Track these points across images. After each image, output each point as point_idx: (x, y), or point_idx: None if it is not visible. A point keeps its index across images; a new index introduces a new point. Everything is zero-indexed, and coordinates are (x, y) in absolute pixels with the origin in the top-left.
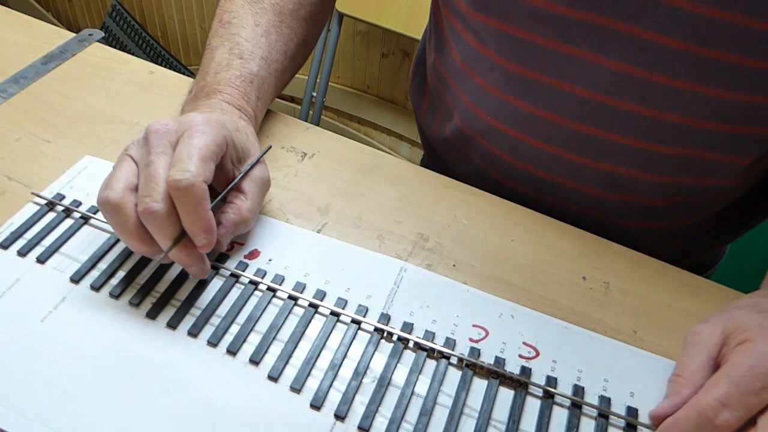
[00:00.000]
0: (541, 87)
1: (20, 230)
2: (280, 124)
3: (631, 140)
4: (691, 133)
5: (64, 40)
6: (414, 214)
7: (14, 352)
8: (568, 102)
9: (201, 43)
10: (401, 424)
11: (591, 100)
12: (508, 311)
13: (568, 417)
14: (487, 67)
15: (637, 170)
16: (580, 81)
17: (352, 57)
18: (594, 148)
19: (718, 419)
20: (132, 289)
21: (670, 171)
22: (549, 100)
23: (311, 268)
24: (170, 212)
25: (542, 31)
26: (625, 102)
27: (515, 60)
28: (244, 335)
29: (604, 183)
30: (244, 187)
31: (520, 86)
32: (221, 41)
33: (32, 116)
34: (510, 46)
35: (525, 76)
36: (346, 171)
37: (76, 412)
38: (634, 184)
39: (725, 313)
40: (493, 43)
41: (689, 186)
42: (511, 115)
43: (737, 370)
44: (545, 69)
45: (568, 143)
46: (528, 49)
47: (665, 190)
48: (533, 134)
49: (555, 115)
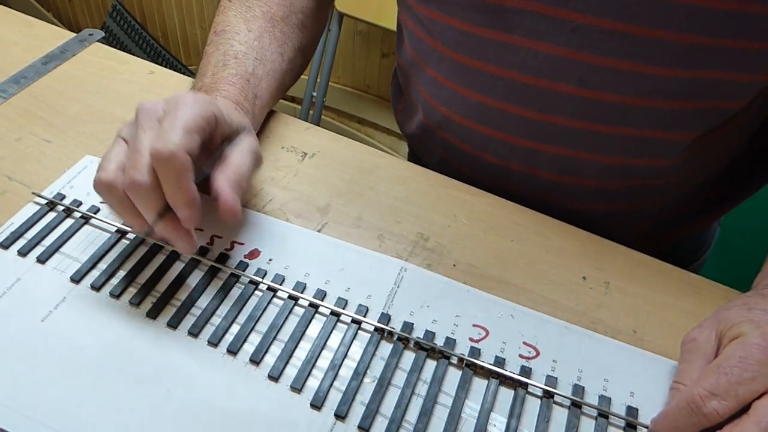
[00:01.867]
0: (485, 75)
1: (20, 230)
2: (280, 124)
3: (575, 122)
4: (632, 111)
5: (65, 40)
6: (414, 214)
7: (14, 352)
8: (512, 88)
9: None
10: (401, 424)
11: (532, 86)
12: (508, 311)
13: (568, 417)
14: (437, 59)
15: (585, 152)
16: (519, 67)
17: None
18: (542, 132)
19: (707, 407)
20: (132, 289)
21: (617, 152)
22: (494, 87)
23: (311, 268)
24: (154, 184)
25: (478, 20)
26: (564, 84)
27: (459, 50)
28: (244, 335)
29: (557, 166)
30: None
31: (467, 76)
32: (215, 47)
33: (32, 116)
34: (454, 37)
35: (469, 65)
36: (346, 171)
37: (76, 411)
38: (586, 167)
39: (716, 315)
40: (438, 34)
41: (639, 167)
42: (462, 104)
43: (728, 361)
44: (486, 57)
45: (517, 129)
46: (468, 38)
47: (616, 171)
48: (484, 122)
49: (502, 102)
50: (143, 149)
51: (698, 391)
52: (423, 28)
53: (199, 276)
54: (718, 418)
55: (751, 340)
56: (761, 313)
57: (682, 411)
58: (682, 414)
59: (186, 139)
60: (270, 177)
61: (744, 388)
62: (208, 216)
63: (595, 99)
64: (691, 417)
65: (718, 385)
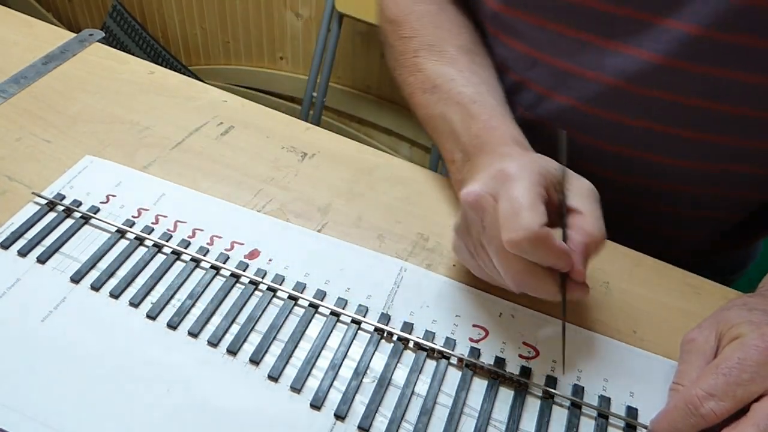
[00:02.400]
0: (578, 79)
1: (20, 230)
2: (280, 124)
3: (672, 129)
4: (729, 119)
5: (65, 40)
6: (414, 214)
7: (14, 352)
8: (606, 93)
9: (201, 43)
10: (401, 424)
11: (628, 91)
12: (508, 311)
13: (567, 417)
14: (526, 63)
15: (677, 159)
16: (615, 72)
17: (352, 57)
18: (633, 137)
19: (704, 408)
20: (132, 289)
21: (712, 158)
22: (585, 91)
23: (311, 268)
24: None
25: (581, 24)
26: (658, 90)
27: (554, 54)
28: (244, 335)
29: (645, 171)
30: (576, 206)
31: (558, 79)
32: (444, 105)
33: (32, 116)
34: (550, 41)
35: (561, 68)
36: (346, 171)
37: (77, 412)
38: (676, 173)
39: (716, 316)
40: (530, 38)
41: (736, 173)
42: (548, 108)
43: (727, 362)
44: (581, 61)
45: (607, 134)
46: (567, 42)
47: (712, 177)
48: (572, 126)
49: (592, 106)
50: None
51: (696, 391)
52: (511, 32)
53: (199, 276)
54: (715, 419)
55: (751, 341)
56: (761, 315)
57: (679, 411)
58: (680, 414)
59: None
60: (270, 177)
61: (742, 389)
62: (208, 216)
63: (691, 105)
64: (689, 417)
65: (716, 386)
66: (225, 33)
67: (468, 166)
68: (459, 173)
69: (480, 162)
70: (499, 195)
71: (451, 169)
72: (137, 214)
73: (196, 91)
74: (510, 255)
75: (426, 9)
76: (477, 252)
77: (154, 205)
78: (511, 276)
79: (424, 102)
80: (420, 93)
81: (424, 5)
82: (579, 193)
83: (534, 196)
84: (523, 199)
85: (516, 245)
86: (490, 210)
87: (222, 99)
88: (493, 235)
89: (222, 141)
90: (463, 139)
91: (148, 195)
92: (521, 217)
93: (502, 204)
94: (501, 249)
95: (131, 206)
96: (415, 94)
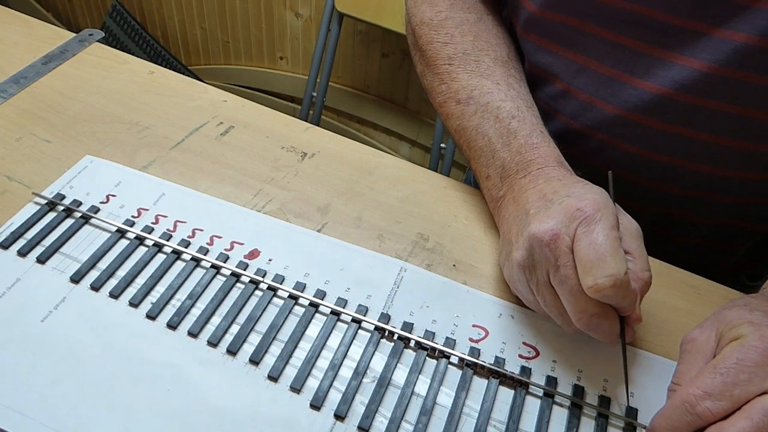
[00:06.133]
0: (629, 88)
1: (20, 230)
2: (280, 124)
3: (722, 139)
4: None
5: (64, 40)
6: (414, 214)
7: (14, 352)
8: (657, 103)
9: (201, 43)
10: (401, 424)
11: (680, 101)
12: (508, 311)
13: (567, 417)
14: (574, 71)
15: (728, 169)
16: (668, 82)
17: (352, 57)
18: (683, 147)
19: (700, 407)
20: (132, 289)
21: (762, 168)
22: (634, 101)
23: (311, 268)
24: (606, 313)
25: (637, 34)
26: (714, 101)
27: (606, 63)
28: (244, 335)
29: (692, 182)
30: (626, 247)
31: (608, 88)
32: (480, 119)
33: (32, 116)
34: (602, 50)
35: (612, 77)
36: (346, 171)
37: (77, 412)
38: (724, 183)
39: (716, 315)
40: (580, 46)
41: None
42: (594, 117)
43: (725, 362)
44: (633, 71)
45: (656, 144)
46: (621, 51)
47: (758, 186)
48: (618, 136)
49: (643, 116)
50: (575, 290)
51: (693, 390)
52: (558, 39)
53: (199, 276)
54: (711, 418)
55: (750, 342)
56: (762, 315)
57: (676, 410)
58: (677, 413)
59: (618, 263)
60: (270, 177)
61: (740, 390)
62: (208, 215)
63: (746, 117)
64: (685, 416)
65: (713, 386)
66: (225, 33)
67: (508, 185)
68: (497, 190)
69: (525, 184)
70: (578, 237)
71: (486, 185)
72: (137, 214)
73: (196, 91)
74: (586, 298)
75: (465, 17)
76: (539, 290)
77: (154, 205)
78: (585, 319)
79: (458, 113)
80: (453, 103)
81: (463, 12)
82: (629, 234)
83: (614, 240)
84: (607, 244)
85: (599, 291)
86: (566, 251)
87: (222, 99)
88: (567, 275)
89: (222, 141)
90: (501, 154)
91: (147, 195)
92: (607, 264)
93: (582, 248)
94: (576, 291)
95: (131, 206)
96: (446, 104)
